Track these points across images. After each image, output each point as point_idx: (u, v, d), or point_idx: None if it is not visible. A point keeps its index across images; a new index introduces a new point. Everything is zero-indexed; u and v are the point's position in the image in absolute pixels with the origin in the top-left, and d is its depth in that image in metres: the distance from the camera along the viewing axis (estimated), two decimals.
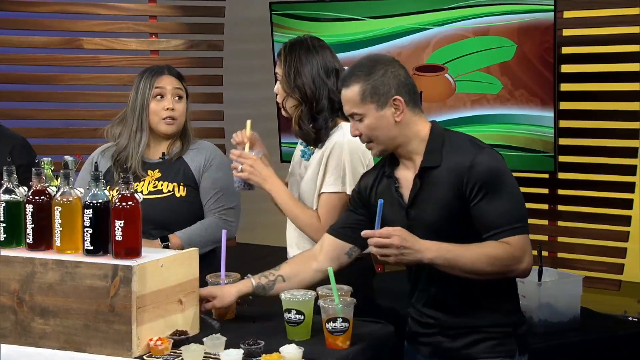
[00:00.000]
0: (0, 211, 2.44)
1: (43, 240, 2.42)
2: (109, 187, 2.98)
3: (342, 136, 2.79)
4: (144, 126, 3.07)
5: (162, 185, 3.06)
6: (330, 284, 2.43)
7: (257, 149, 2.90)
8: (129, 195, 2.32)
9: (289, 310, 2.42)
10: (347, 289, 2.51)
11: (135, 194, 2.34)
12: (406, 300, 2.64)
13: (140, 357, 2.27)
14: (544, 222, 4.47)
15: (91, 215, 2.32)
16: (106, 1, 5.09)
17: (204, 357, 2.25)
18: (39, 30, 4.99)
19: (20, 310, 2.36)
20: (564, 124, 4.31)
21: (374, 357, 2.42)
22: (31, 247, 2.42)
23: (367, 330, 2.48)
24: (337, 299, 2.38)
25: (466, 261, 2.36)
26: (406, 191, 2.51)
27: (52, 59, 5.02)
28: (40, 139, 4.75)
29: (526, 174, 4.36)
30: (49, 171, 2.54)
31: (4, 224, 2.45)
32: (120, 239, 2.30)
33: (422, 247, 2.35)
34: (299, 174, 2.96)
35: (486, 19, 4.18)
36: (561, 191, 4.46)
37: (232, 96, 5.29)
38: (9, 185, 2.46)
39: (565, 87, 4.32)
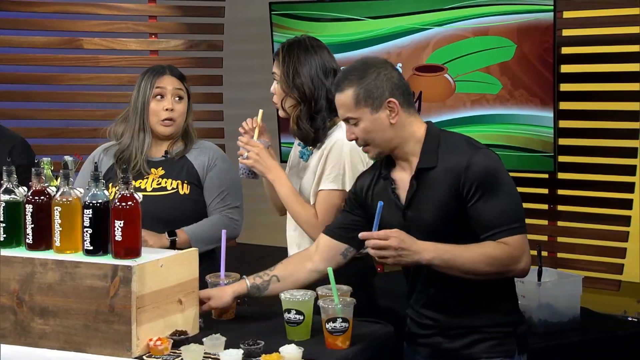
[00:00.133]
0: (0, 211, 2.44)
1: (43, 240, 2.42)
2: (111, 184, 2.99)
3: (342, 134, 2.79)
4: (146, 126, 3.07)
5: (165, 182, 3.07)
6: (330, 284, 2.43)
7: (264, 138, 2.91)
8: (128, 195, 2.32)
9: (288, 311, 2.41)
10: (346, 289, 2.51)
11: (135, 194, 2.34)
12: (406, 301, 2.64)
13: (140, 357, 2.27)
14: (544, 222, 4.47)
15: (91, 216, 2.32)
16: (106, 1, 5.09)
17: (204, 357, 2.25)
18: (39, 31, 4.99)
19: (20, 311, 2.36)
20: (564, 124, 4.30)
21: (373, 357, 2.42)
22: (31, 247, 2.42)
23: (366, 331, 2.48)
24: (336, 299, 2.38)
25: (464, 261, 2.36)
26: (403, 192, 2.50)
27: (52, 59, 5.02)
28: (40, 139, 4.75)
29: (526, 174, 4.36)
30: (49, 171, 2.53)
31: (4, 224, 2.45)
32: (120, 239, 2.30)
33: (420, 248, 2.35)
34: (297, 174, 2.96)
35: (486, 19, 4.18)
36: (561, 191, 4.45)
37: (232, 96, 5.29)
38: (8, 186, 2.46)
39: (564, 87, 4.32)
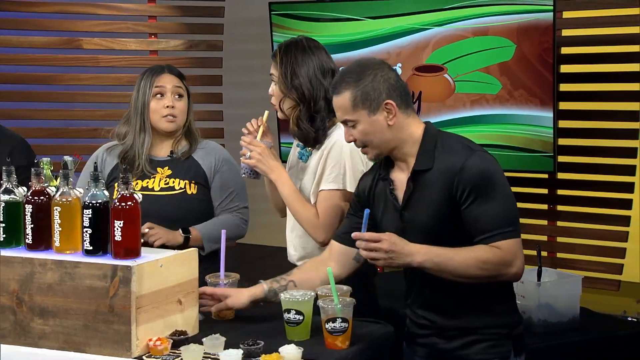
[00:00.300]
0: (0, 211, 2.44)
1: (42, 240, 2.42)
2: (116, 184, 2.99)
3: (342, 134, 2.79)
4: (147, 126, 3.08)
5: (173, 182, 3.08)
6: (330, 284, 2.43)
7: (267, 139, 2.91)
8: (128, 195, 2.32)
9: (288, 311, 2.41)
10: (346, 289, 2.50)
11: (135, 194, 2.34)
12: (404, 301, 2.64)
13: (140, 358, 2.27)
14: (544, 222, 4.46)
15: (90, 216, 2.32)
16: (105, 1, 5.09)
17: (204, 357, 2.25)
18: (39, 31, 4.99)
19: (20, 311, 2.36)
20: (563, 124, 4.30)
21: (373, 357, 2.42)
22: (30, 247, 2.42)
23: (366, 331, 2.48)
24: (336, 299, 2.38)
25: (456, 265, 2.36)
26: (400, 193, 2.51)
27: (51, 59, 5.02)
28: (39, 139, 4.75)
29: (525, 174, 4.36)
30: (48, 171, 2.53)
31: (3, 224, 2.45)
32: (120, 239, 2.30)
33: (412, 251, 2.36)
34: (296, 175, 2.96)
35: (485, 19, 4.18)
36: (560, 191, 4.45)
37: (232, 96, 5.29)
38: (8, 186, 2.46)
39: (564, 87, 4.32)
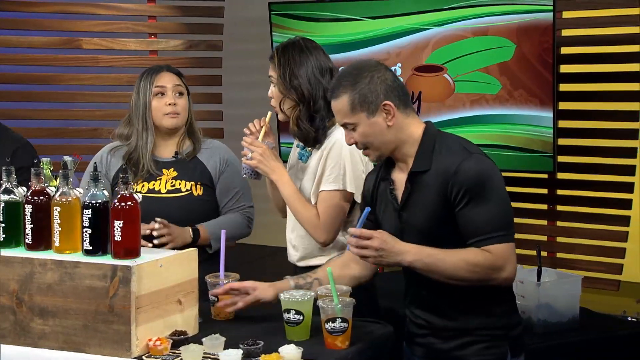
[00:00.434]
0: (0, 211, 2.44)
1: (42, 240, 2.42)
2: None
3: (341, 134, 2.79)
4: (149, 125, 3.08)
5: (180, 184, 3.08)
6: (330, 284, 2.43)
7: (268, 140, 2.92)
8: (127, 195, 2.32)
9: (288, 311, 2.42)
10: (346, 289, 2.51)
11: (135, 194, 2.34)
12: (403, 301, 2.64)
13: (140, 358, 2.27)
14: (543, 222, 4.46)
15: (90, 216, 2.32)
16: (105, 1, 5.09)
17: (203, 357, 2.25)
18: (38, 31, 4.99)
19: (20, 311, 2.36)
20: (563, 124, 4.30)
21: (373, 357, 2.42)
22: (30, 247, 2.42)
23: (366, 331, 2.48)
24: (336, 299, 2.38)
25: (446, 267, 2.36)
26: (400, 193, 2.51)
27: (51, 59, 5.02)
28: (39, 139, 4.74)
29: (525, 174, 4.36)
30: (48, 171, 2.53)
31: (3, 224, 2.45)
32: (120, 239, 2.30)
33: (402, 250, 2.36)
34: (296, 175, 2.96)
35: (485, 19, 4.18)
36: (560, 191, 4.45)
37: (231, 96, 5.29)
38: (8, 186, 2.46)
39: (564, 87, 4.32)
